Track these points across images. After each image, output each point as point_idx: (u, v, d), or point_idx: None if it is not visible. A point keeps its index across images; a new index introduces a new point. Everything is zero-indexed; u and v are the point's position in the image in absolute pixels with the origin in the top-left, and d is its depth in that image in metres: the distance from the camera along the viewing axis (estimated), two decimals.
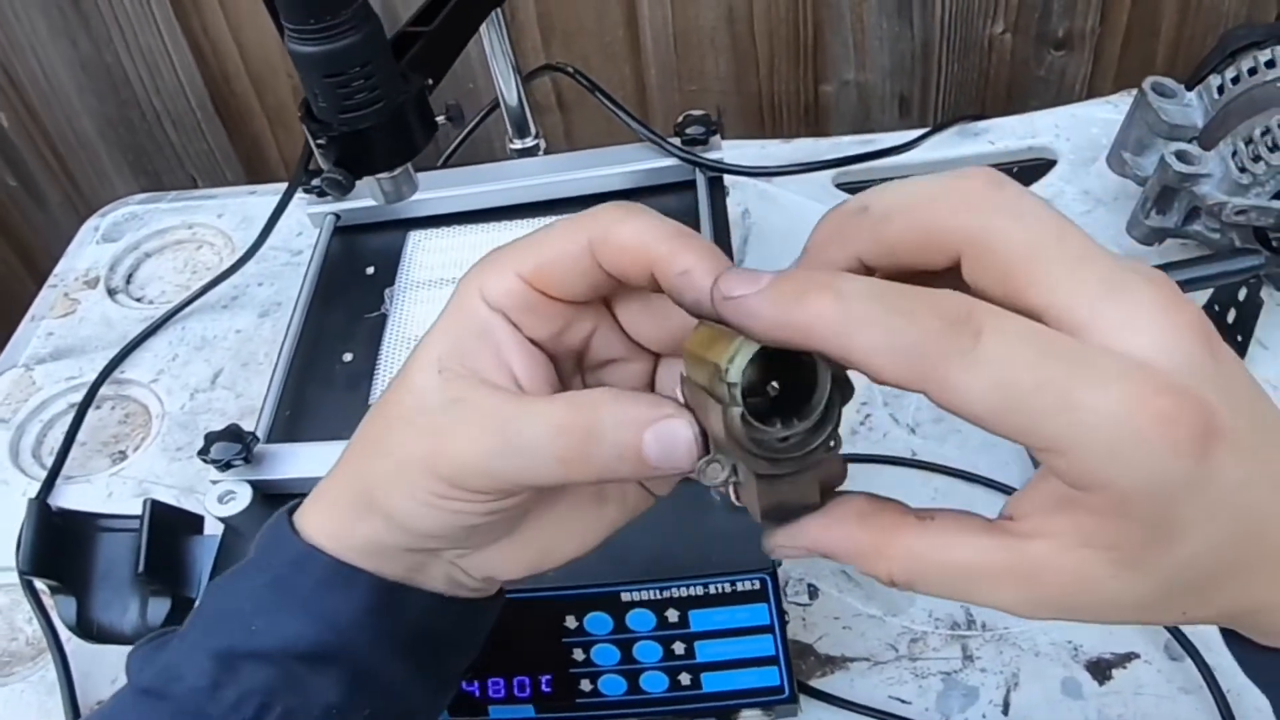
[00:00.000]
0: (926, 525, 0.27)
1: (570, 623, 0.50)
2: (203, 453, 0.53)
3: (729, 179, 0.71)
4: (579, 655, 0.50)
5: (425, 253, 0.67)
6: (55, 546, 0.51)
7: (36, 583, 0.59)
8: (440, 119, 0.56)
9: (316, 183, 0.67)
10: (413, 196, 0.57)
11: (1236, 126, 0.66)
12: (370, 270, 0.67)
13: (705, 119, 0.69)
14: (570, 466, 0.29)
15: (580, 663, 0.51)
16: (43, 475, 0.70)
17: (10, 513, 0.61)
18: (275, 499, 0.52)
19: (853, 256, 0.27)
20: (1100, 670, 0.54)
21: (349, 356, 0.61)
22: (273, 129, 1.10)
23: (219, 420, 0.72)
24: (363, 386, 0.59)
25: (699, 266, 0.28)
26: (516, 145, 0.75)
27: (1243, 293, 0.65)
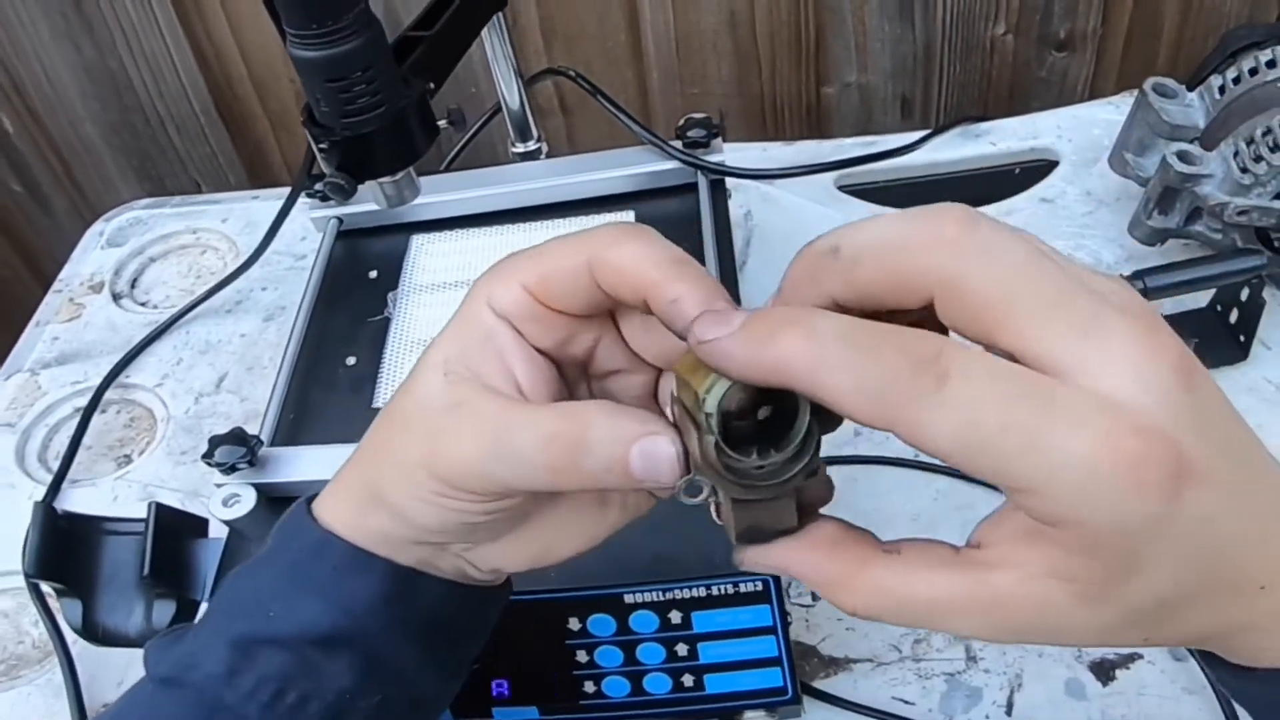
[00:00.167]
0: (893, 560, 0.28)
1: (574, 625, 0.50)
2: (207, 456, 0.53)
3: (731, 181, 0.71)
4: (582, 657, 0.51)
5: (428, 256, 0.67)
6: (61, 550, 0.51)
7: (42, 586, 0.59)
8: (442, 123, 0.56)
9: (319, 187, 0.67)
10: (415, 200, 0.57)
11: (1238, 127, 0.66)
12: (373, 274, 0.67)
13: (706, 122, 0.69)
14: (559, 475, 0.30)
15: (584, 664, 0.51)
16: (49, 479, 0.70)
17: (16, 516, 0.61)
18: (279, 502, 0.53)
19: (826, 297, 0.27)
20: (1104, 671, 0.54)
21: (352, 360, 0.61)
22: (276, 133, 1.10)
23: (223, 424, 0.73)
24: (366, 390, 0.59)
25: (688, 297, 0.28)
26: (519, 149, 0.75)
27: (1245, 293, 0.65)
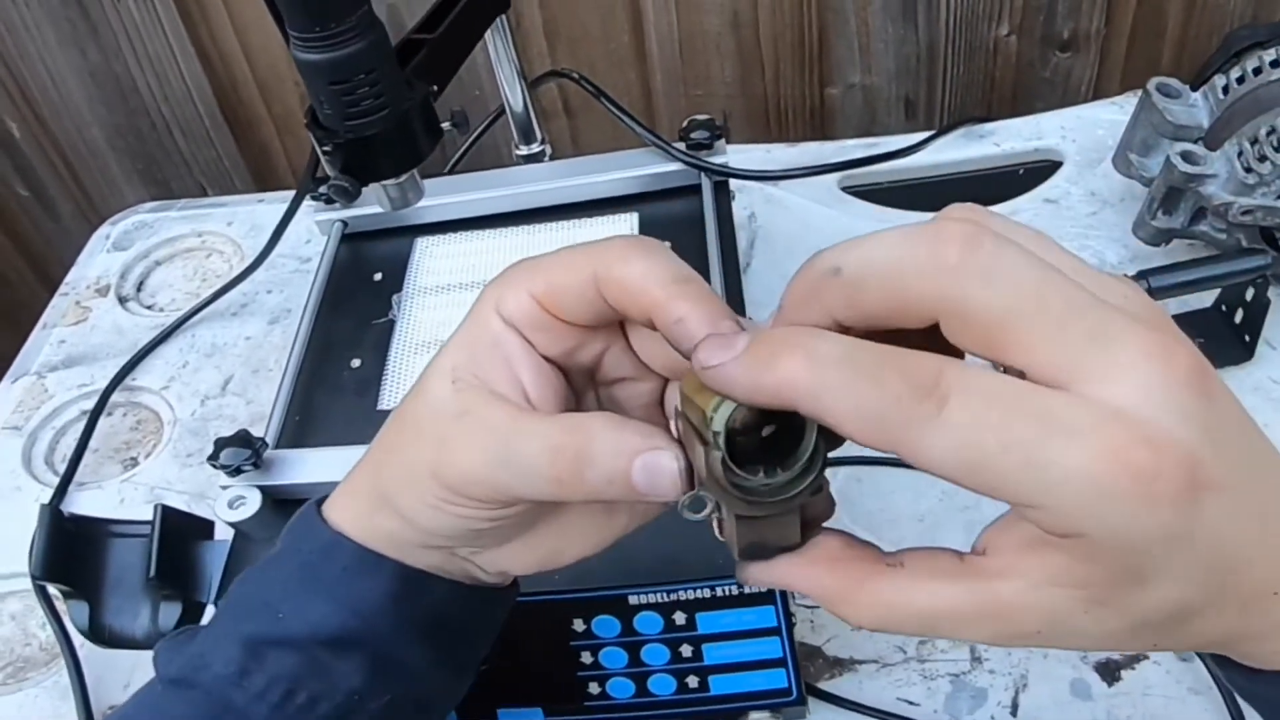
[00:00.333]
0: (896, 573, 0.28)
1: (578, 626, 0.50)
2: (212, 458, 0.53)
3: (735, 183, 0.71)
4: (587, 658, 0.51)
5: (432, 259, 0.67)
6: (67, 552, 0.51)
7: (49, 588, 0.59)
8: (445, 125, 0.56)
9: (324, 190, 0.67)
10: (419, 203, 0.57)
11: (1242, 126, 0.66)
12: (378, 276, 0.67)
13: (710, 123, 0.69)
14: (563, 486, 0.30)
15: (588, 665, 0.51)
16: (55, 482, 0.71)
17: (23, 519, 0.61)
18: (284, 504, 0.53)
19: (828, 317, 0.27)
20: (1109, 671, 0.54)
21: (357, 362, 0.61)
22: (280, 136, 1.10)
23: (229, 426, 0.73)
24: (371, 392, 0.59)
25: (692, 316, 0.28)
26: (522, 151, 0.75)
27: (1250, 292, 0.65)
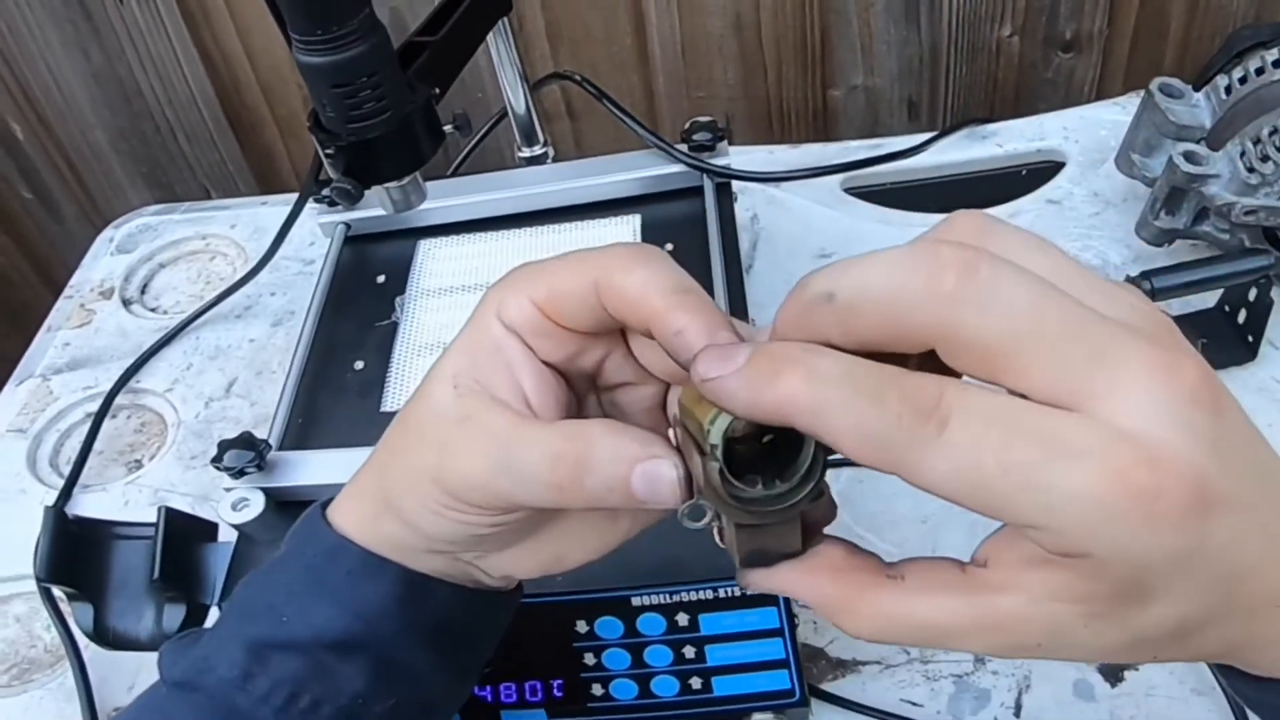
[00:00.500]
0: (898, 585, 0.28)
1: (581, 627, 0.50)
2: (216, 460, 0.53)
3: (737, 184, 0.71)
4: (590, 660, 0.51)
5: (435, 261, 0.68)
6: (72, 554, 0.51)
7: (54, 590, 0.59)
8: (448, 128, 0.56)
9: (327, 192, 0.67)
10: (422, 205, 0.57)
11: (1244, 127, 0.66)
12: (381, 279, 0.67)
13: (712, 125, 0.69)
14: (563, 493, 0.30)
15: (591, 667, 0.51)
16: (60, 484, 0.71)
17: (28, 521, 0.62)
18: (288, 506, 0.53)
19: (821, 341, 0.26)
20: (1112, 672, 0.54)
21: (360, 364, 0.61)
22: (284, 139, 1.10)
23: (233, 429, 0.73)
24: (374, 394, 0.59)
25: (692, 328, 0.28)
26: (525, 153, 0.75)
27: (1253, 293, 0.65)
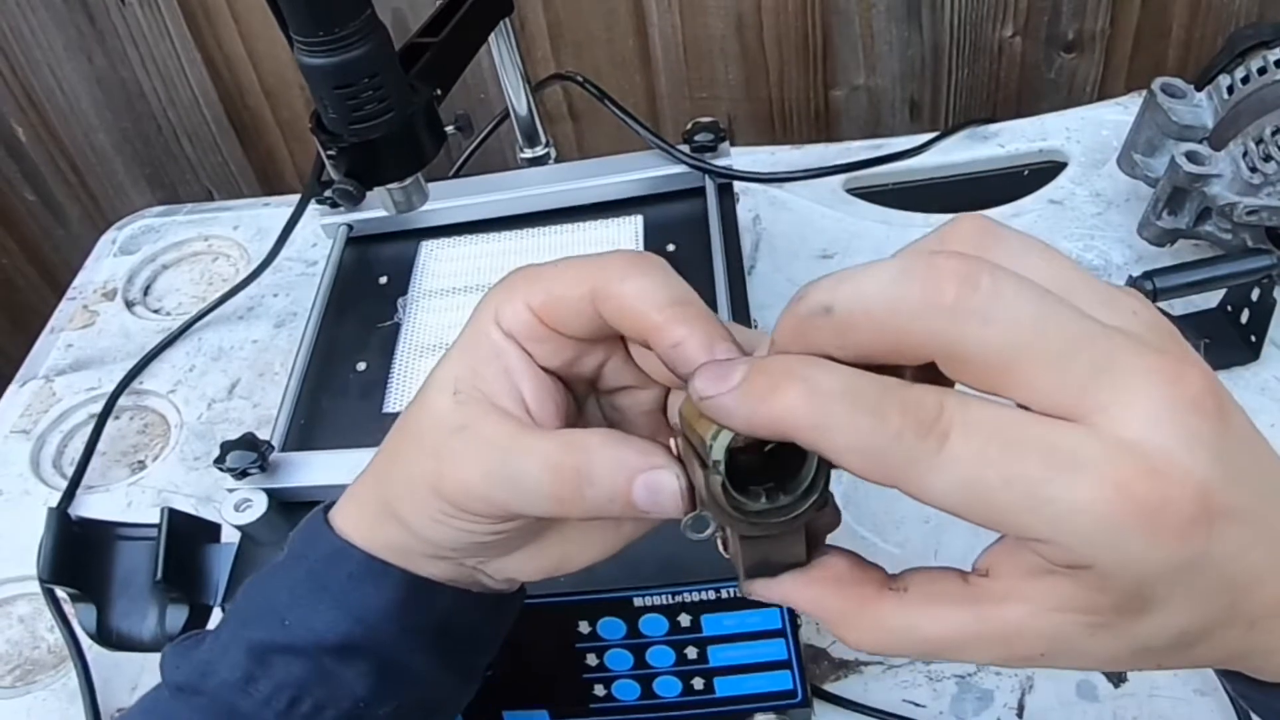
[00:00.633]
0: (900, 598, 0.27)
1: (583, 628, 0.50)
2: (219, 462, 0.53)
3: (740, 185, 0.71)
4: (592, 660, 0.51)
5: (437, 262, 0.68)
6: (75, 555, 0.51)
7: (57, 591, 0.59)
8: (449, 129, 0.56)
9: (329, 194, 0.67)
10: (424, 206, 0.57)
11: (1247, 126, 0.66)
12: (383, 280, 0.67)
13: (714, 126, 0.69)
14: (562, 504, 0.30)
15: (594, 668, 0.51)
16: (63, 485, 0.71)
17: (32, 522, 0.62)
18: (291, 507, 0.53)
19: (820, 355, 0.26)
20: (1115, 673, 0.54)
21: (363, 366, 0.62)
22: (287, 141, 1.11)
23: (236, 430, 0.73)
24: (376, 395, 0.59)
25: (690, 341, 0.28)
26: (527, 154, 0.75)
27: (1255, 293, 0.65)
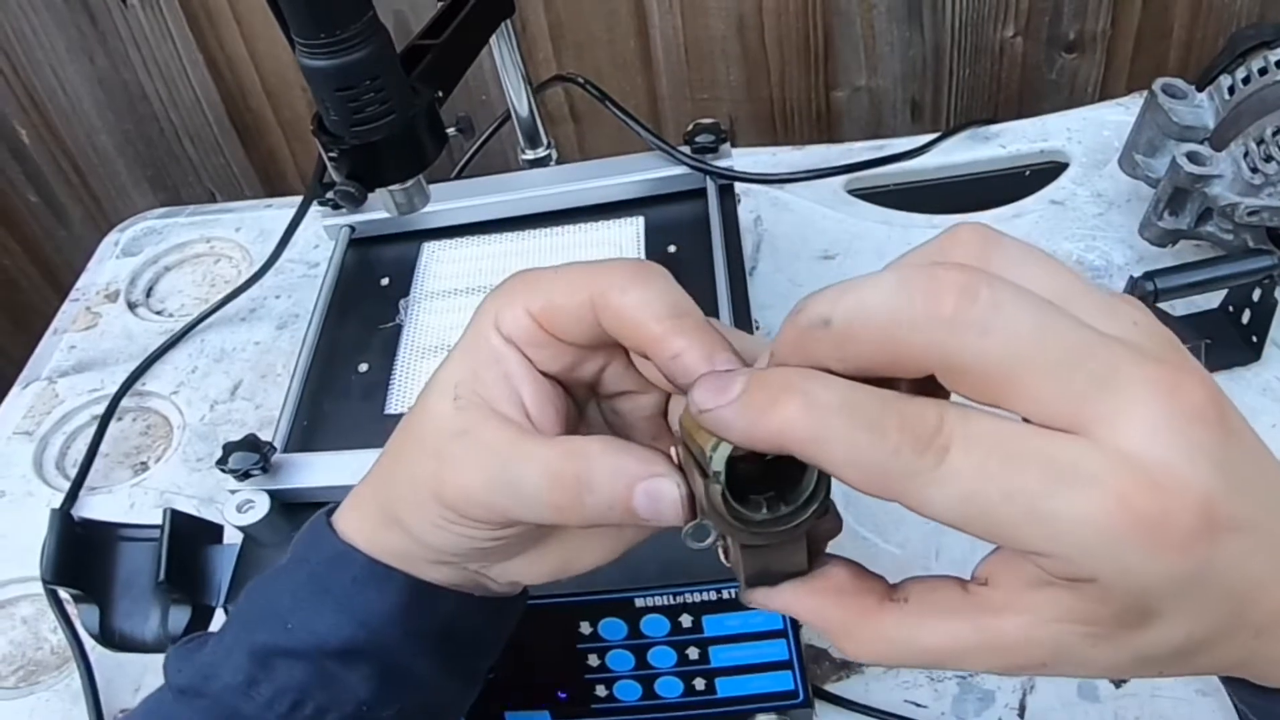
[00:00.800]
0: (900, 609, 0.27)
1: (585, 629, 0.50)
2: (221, 463, 0.53)
3: (741, 186, 0.72)
4: (594, 661, 0.51)
5: (439, 263, 0.68)
6: (78, 556, 0.51)
7: (60, 592, 0.60)
8: (451, 131, 0.56)
9: (331, 195, 0.68)
10: (426, 208, 0.57)
11: (1248, 127, 0.66)
12: (385, 281, 0.67)
13: (715, 127, 0.69)
14: (561, 513, 0.30)
15: (595, 668, 0.51)
16: (66, 486, 0.71)
17: (35, 523, 0.62)
18: (293, 508, 0.53)
19: (819, 368, 0.26)
20: None
21: (365, 367, 0.62)
22: (289, 143, 1.11)
23: (238, 431, 0.73)
24: (378, 397, 0.59)
25: (689, 352, 0.28)
26: (528, 156, 0.75)
27: (1257, 293, 0.65)
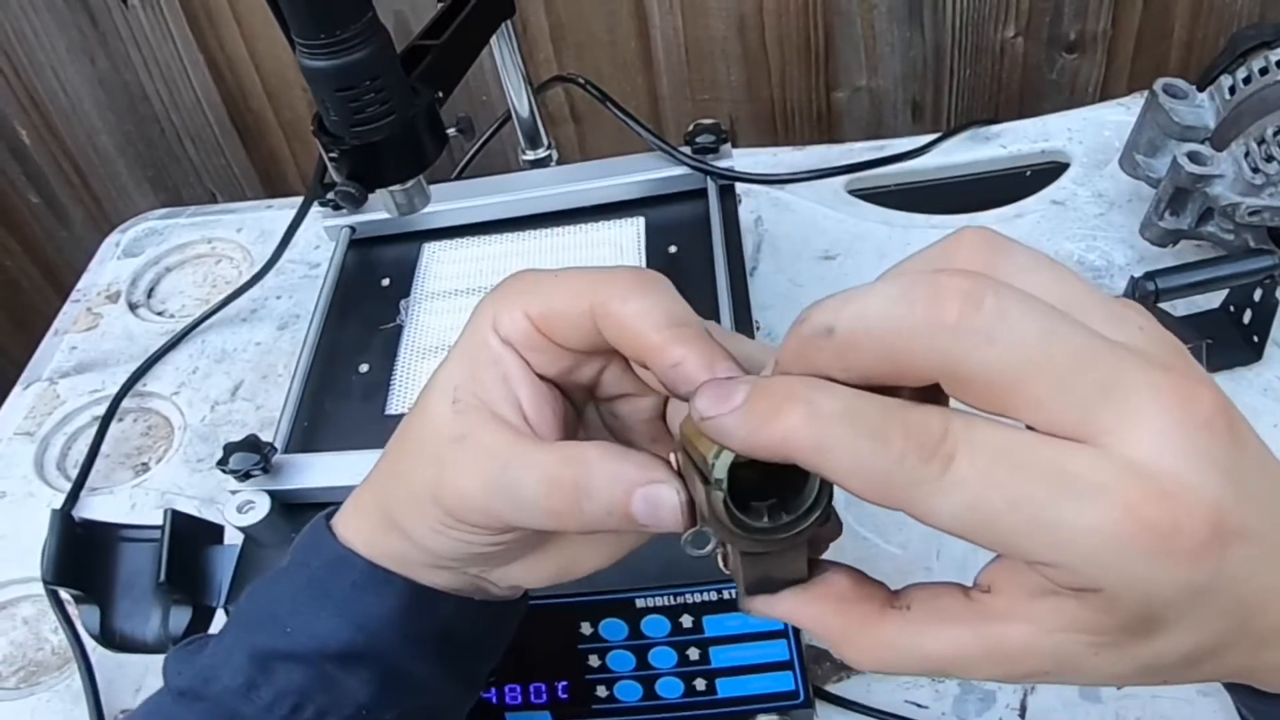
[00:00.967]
0: (902, 617, 0.27)
1: (586, 629, 0.50)
2: (222, 463, 0.53)
3: (741, 186, 0.72)
4: (594, 661, 0.51)
5: (440, 264, 0.68)
6: (79, 557, 0.51)
7: (61, 593, 0.60)
8: (451, 131, 0.56)
9: (331, 196, 0.68)
10: (426, 208, 0.57)
11: (1248, 127, 0.66)
12: (386, 282, 0.67)
13: (715, 128, 0.69)
14: (560, 518, 0.29)
15: (596, 669, 0.51)
16: (67, 487, 0.71)
17: (36, 524, 0.62)
18: (293, 509, 0.53)
19: (823, 377, 0.25)
20: None
21: (365, 368, 0.62)
22: (289, 143, 1.11)
23: (239, 432, 0.73)
24: (379, 397, 0.60)
25: (689, 361, 0.28)
26: (529, 156, 0.75)
27: (1258, 293, 0.65)
